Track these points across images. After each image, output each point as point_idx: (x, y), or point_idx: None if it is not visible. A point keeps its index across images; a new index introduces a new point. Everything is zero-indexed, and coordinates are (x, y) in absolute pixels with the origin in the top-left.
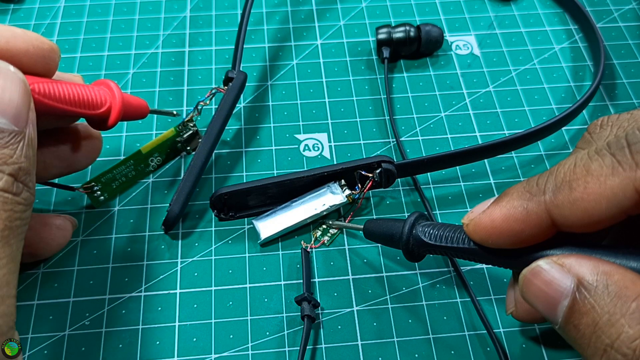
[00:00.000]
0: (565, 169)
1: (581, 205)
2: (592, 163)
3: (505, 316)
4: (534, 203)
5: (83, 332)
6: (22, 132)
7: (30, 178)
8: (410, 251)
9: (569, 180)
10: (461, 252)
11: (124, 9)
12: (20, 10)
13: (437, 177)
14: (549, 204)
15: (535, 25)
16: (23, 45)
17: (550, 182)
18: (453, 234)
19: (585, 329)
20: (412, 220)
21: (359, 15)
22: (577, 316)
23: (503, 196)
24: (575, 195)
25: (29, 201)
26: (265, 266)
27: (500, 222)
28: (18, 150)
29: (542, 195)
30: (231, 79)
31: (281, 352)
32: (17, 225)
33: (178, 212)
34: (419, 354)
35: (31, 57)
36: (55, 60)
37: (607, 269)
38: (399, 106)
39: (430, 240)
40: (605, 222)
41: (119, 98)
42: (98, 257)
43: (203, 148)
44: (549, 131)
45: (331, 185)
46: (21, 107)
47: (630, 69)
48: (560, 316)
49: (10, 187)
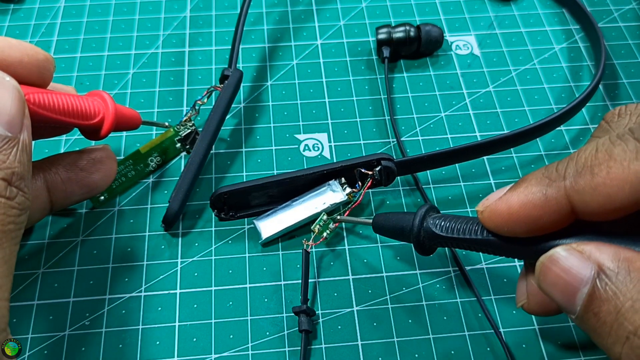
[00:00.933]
0: (587, 154)
1: (603, 190)
2: (615, 148)
3: (505, 316)
4: (554, 189)
5: (83, 332)
6: (16, 138)
7: (25, 183)
8: (421, 244)
9: (591, 165)
10: (474, 244)
11: (124, 9)
12: (20, 10)
13: (437, 177)
14: (569, 190)
15: (535, 25)
16: (18, 54)
17: (571, 168)
18: (465, 225)
19: (606, 317)
20: (422, 213)
21: (359, 15)
22: (598, 303)
23: (521, 182)
24: (597, 180)
25: (23, 206)
26: (265, 266)
27: (518, 209)
28: (11, 155)
29: (562, 181)
30: (227, 77)
31: (281, 352)
32: (10, 229)
33: (177, 209)
34: (419, 354)
35: (26, 66)
36: (50, 70)
37: (629, 256)
38: (399, 106)
39: (442, 232)
40: (627, 209)
41: (112, 109)
42: (98, 257)
43: (201, 145)
44: (549, 127)
45: (331, 184)
46: (15, 114)
47: (630, 69)
48: (579, 304)
49: (3, 192)
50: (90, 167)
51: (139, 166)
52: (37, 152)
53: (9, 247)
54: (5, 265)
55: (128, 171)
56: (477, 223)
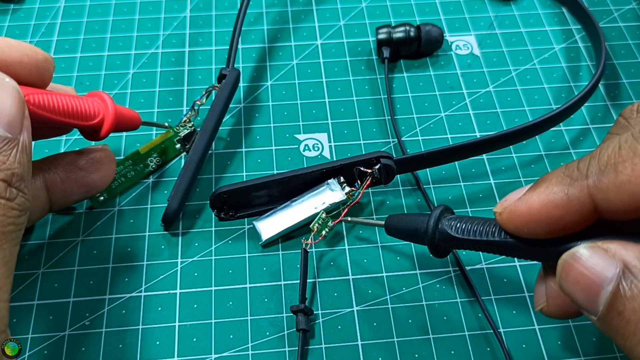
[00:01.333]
0: (609, 151)
1: (628, 188)
2: (639, 144)
3: (505, 316)
4: (576, 188)
5: (83, 332)
6: (16, 139)
7: (25, 184)
8: (436, 246)
9: (614, 162)
10: (491, 246)
11: (124, 9)
12: (20, 10)
13: (437, 177)
14: (592, 189)
15: (535, 25)
16: (18, 55)
17: (593, 166)
18: (482, 227)
19: (631, 316)
20: (437, 214)
21: (359, 15)
22: (622, 302)
23: (541, 182)
24: (621, 178)
25: (23, 207)
26: (265, 266)
27: (539, 209)
28: (11, 156)
29: (584, 180)
30: (224, 76)
31: (281, 352)
32: (10, 231)
33: (176, 207)
34: (419, 354)
35: (25, 67)
36: (50, 70)
37: None
38: (399, 106)
39: (457, 234)
40: None
41: (111, 110)
42: (98, 257)
43: (199, 144)
44: (548, 125)
45: (330, 183)
46: (14, 115)
47: (631, 69)
48: (601, 304)
49: (2, 193)
50: (90, 167)
51: (138, 166)
52: (37, 152)
53: (8, 248)
54: (5, 267)
55: (127, 171)
56: (494, 224)
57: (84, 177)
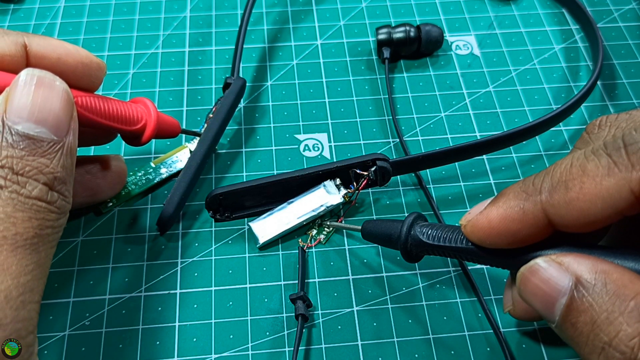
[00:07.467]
0: (562, 168)
1: (577, 205)
2: (589, 163)
3: (505, 316)
4: (530, 203)
5: (83, 332)
6: (62, 142)
7: (66, 187)
8: (408, 252)
9: (565, 180)
10: (459, 253)
11: (124, 9)
12: (20, 10)
13: (437, 177)
14: (545, 204)
15: (535, 25)
16: (73, 62)
17: (547, 182)
18: (451, 235)
19: (583, 327)
20: (410, 221)
21: (359, 15)
22: (575, 314)
23: (500, 197)
24: (571, 195)
25: (63, 210)
26: (264, 266)
27: (497, 223)
28: (55, 159)
29: (538, 195)
30: (229, 85)
31: (281, 352)
32: (47, 234)
33: (172, 212)
34: (419, 354)
35: (78, 73)
36: (100, 77)
37: (606, 268)
38: (399, 106)
39: (428, 241)
40: (601, 222)
41: (154, 116)
42: (98, 257)
43: (199, 150)
44: (546, 126)
45: (327, 185)
46: (62, 117)
47: (630, 69)
48: (557, 314)
49: (44, 196)
50: (97, 173)
51: (149, 175)
52: None
53: (44, 250)
54: (40, 269)
55: (139, 180)
56: (462, 232)
57: (90, 180)
